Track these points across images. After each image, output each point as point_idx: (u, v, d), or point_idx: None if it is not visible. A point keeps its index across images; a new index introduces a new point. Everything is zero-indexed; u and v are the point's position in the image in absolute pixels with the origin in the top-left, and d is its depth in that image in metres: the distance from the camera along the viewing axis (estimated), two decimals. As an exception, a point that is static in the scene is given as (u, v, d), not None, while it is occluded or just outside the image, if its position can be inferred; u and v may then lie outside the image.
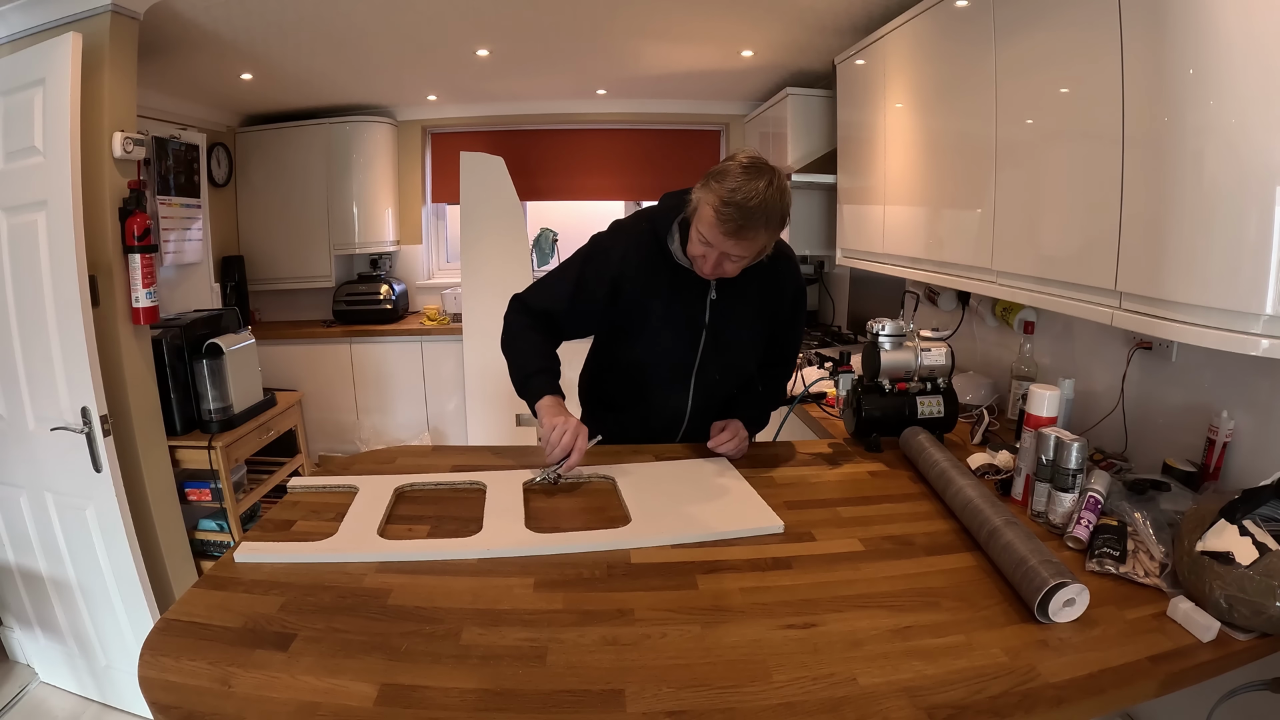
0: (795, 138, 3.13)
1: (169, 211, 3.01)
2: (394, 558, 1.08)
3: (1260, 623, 0.88)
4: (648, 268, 1.44)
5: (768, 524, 1.19)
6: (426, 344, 3.90)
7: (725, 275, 1.36)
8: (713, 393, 1.57)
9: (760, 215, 1.23)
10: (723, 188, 1.23)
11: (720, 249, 1.28)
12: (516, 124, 4.15)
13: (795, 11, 2.47)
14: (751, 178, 1.22)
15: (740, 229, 1.23)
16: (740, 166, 1.25)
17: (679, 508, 1.27)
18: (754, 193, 1.21)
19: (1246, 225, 1.01)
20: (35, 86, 1.85)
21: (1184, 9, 1.08)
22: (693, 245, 1.34)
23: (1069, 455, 1.16)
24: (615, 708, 0.77)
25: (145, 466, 2.13)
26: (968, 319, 2.28)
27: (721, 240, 1.26)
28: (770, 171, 1.25)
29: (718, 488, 1.36)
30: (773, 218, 1.26)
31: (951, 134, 1.90)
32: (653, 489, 1.34)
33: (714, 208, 1.24)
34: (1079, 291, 1.38)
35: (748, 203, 1.21)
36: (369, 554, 1.09)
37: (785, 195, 1.27)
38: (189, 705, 0.77)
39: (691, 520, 1.21)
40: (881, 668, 0.83)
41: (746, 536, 1.16)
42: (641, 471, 1.42)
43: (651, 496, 1.30)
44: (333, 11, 2.40)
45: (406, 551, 1.10)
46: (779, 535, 1.17)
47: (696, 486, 1.37)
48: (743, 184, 1.22)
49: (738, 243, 1.26)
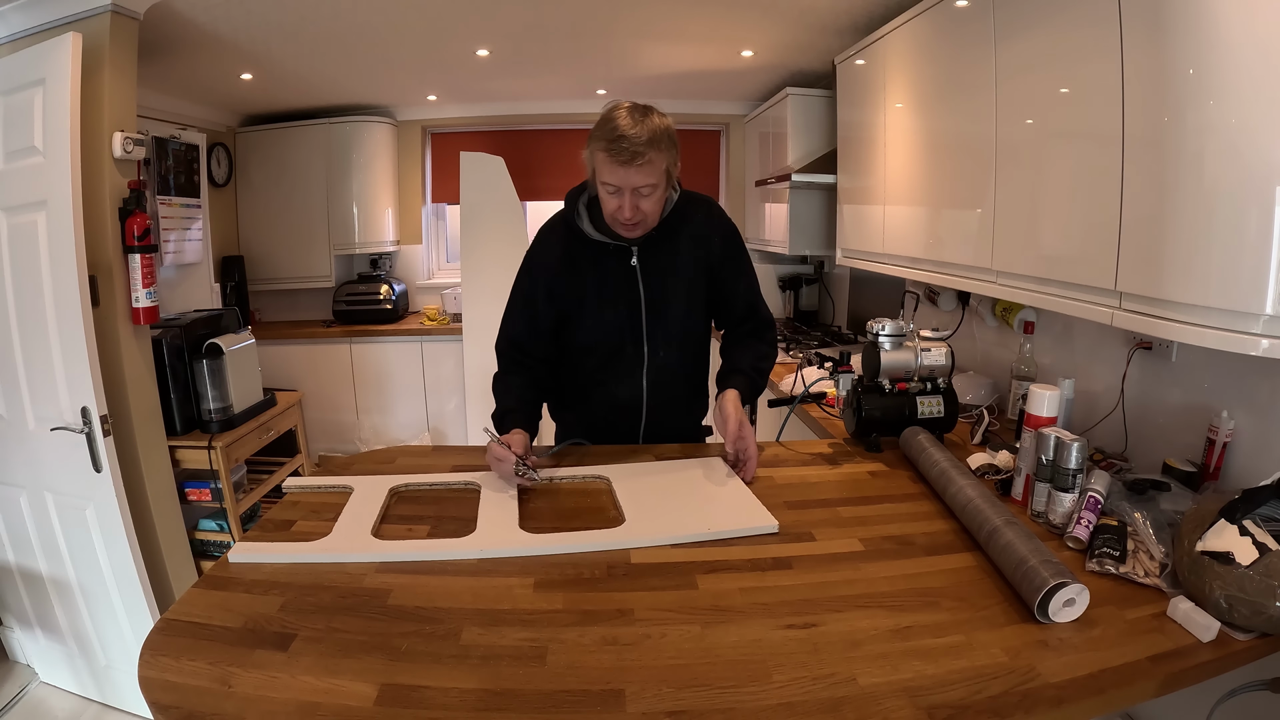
0: (795, 138, 3.13)
1: (169, 211, 3.01)
2: (388, 558, 1.08)
3: (1260, 623, 0.88)
4: (568, 256, 1.49)
5: (762, 524, 1.19)
6: (426, 344, 3.90)
7: (645, 219, 1.40)
8: (667, 368, 1.55)
9: (647, 137, 1.30)
10: (605, 130, 1.32)
11: (627, 185, 1.34)
12: (516, 124, 4.15)
13: (795, 11, 2.47)
14: (631, 112, 1.33)
15: (635, 155, 1.30)
16: (617, 108, 1.34)
17: (673, 508, 1.27)
18: (635, 120, 1.31)
19: (1246, 225, 1.01)
20: (35, 86, 1.85)
21: (1184, 9, 1.08)
22: (606, 203, 1.39)
23: (1069, 455, 1.16)
24: (615, 708, 0.77)
25: (145, 466, 2.13)
26: (968, 319, 2.28)
27: (624, 174, 1.32)
28: (649, 107, 1.36)
29: (713, 488, 1.36)
30: (660, 138, 1.32)
31: (951, 134, 1.90)
32: (647, 489, 1.34)
33: (604, 150, 1.32)
34: (1079, 291, 1.38)
35: (631, 130, 1.29)
36: (362, 554, 1.08)
37: (663, 115, 1.36)
38: (189, 705, 0.77)
39: (686, 520, 1.21)
40: (881, 668, 0.83)
41: (743, 536, 1.16)
42: (636, 472, 1.42)
43: (646, 497, 1.30)
44: (333, 11, 2.40)
45: (400, 552, 1.10)
46: (779, 535, 1.17)
47: (691, 487, 1.37)
48: (620, 118, 1.31)
49: (638, 170, 1.32)
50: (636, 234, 1.45)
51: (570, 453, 1.52)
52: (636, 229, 1.43)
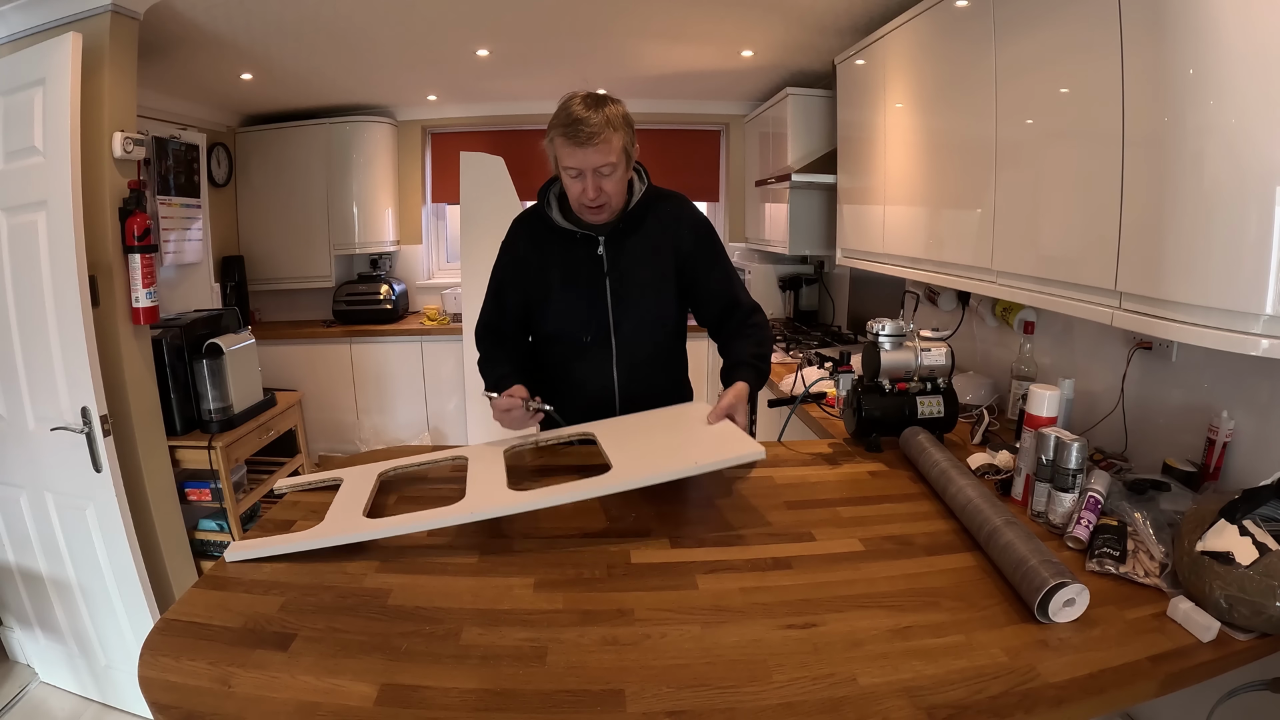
0: (795, 138, 3.13)
1: (169, 211, 3.01)
2: (378, 535, 1.07)
3: (1260, 623, 0.88)
4: (536, 244, 1.55)
5: (748, 451, 1.16)
6: (426, 344, 3.90)
7: (609, 200, 1.44)
8: (637, 356, 1.56)
9: (600, 118, 1.35)
10: (561, 117, 1.38)
11: (587, 166, 1.38)
12: (516, 124, 4.15)
13: (795, 11, 2.47)
14: (585, 100, 1.38)
15: (590, 136, 1.34)
16: (572, 99, 1.40)
17: (659, 448, 1.27)
18: (588, 106, 1.37)
19: (1246, 225, 1.01)
20: (35, 86, 1.85)
21: (1184, 9, 1.08)
22: (570, 188, 1.44)
23: (1069, 455, 1.16)
24: (615, 708, 0.77)
25: (145, 466, 2.13)
26: (968, 319, 2.28)
27: (582, 155, 1.36)
28: (604, 96, 1.41)
29: (696, 427, 1.35)
30: (614, 119, 1.38)
31: (951, 134, 1.90)
32: (632, 437, 1.35)
33: (562, 134, 1.37)
34: (1079, 291, 1.38)
35: (584, 111, 1.35)
36: (354, 534, 1.08)
37: (617, 102, 1.42)
38: (189, 705, 0.77)
39: (672, 457, 1.21)
40: (881, 668, 0.83)
41: (729, 467, 1.16)
42: (620, 423, 1.44)
43: (631, 443, 1.31)
44: (333, 12, 2.40)
45: (390, 527, 1.08)
46: (779, 535, 1.17)
47: (675, 428, 1.38)
48: (575, 105, 1.37)
49: (595, 150, 1.36)
50: (603, 217, 1.48)
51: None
52: (602, 211, 1.46)
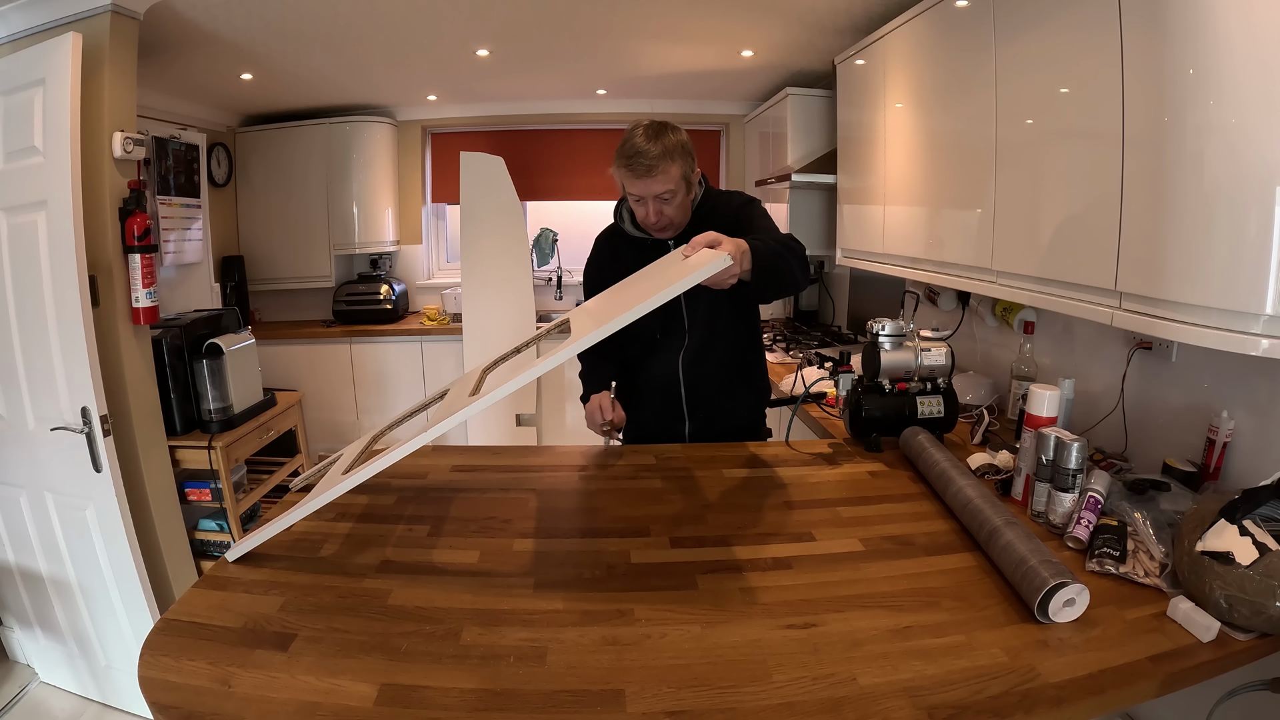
0: (795, 138, 3.12)
1: (169, 211, 3.01)
2: (358, 480, 1.03)
3: (1260, 623, 0.88)
4: (614, 253, 1.68)
5: (709, 264, 1.08)
6: (426, 344, 3.90)
7: (672, 220, 1.54)
8: (704, 349, 1.64)
9: (659, 149, 1.44)
10: (624, 149, 1.48)
11: (649, 194, 1.48)
12: (516, 124, 4.15)
13: (795, 11, 2.47)
14: (647, 131, 1.47)
15: (650, 169, 1.45)
16: (635, 129, 1.49)
17: (625, 301, 1.20)
18: (646, 137, 1.46)
19: (1246, 225, 1.01)
20: (35, 86, 1.85)
21: (1184, 9, 1.08)
22: (635, 210, 1.56)
23: (1069, 455, 1.16)
24: (615, 708, 0.77)
25: (145, 466, 2.13)
26: (968, 319, 2.28)
27: (644, 185, 1.47)
28: (666, 124, 1.50)
29: (664, 267, 1.33)
30: (671, 149, 1.46)
31: (951, 134, 1.90)
32: (601, 304, 1.38)
33: (624, 166, 1.47)
34: (1079, 291, 1.38)
35: (646, 145, 1.45)
36: (334, 490, 1.04)
37: (677, 131, 1.51)
38: (189, 705, 0.77)
39: (635, 300, 1.11)
40: (881, 668, 0.83)
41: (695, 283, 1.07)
42: (594, 301, 1.50)
43: (597, 312, 1.32)
44: (333, 12, 2.40)
45: (366, 469, 1.03)
46: (779, 535, 1.17)
47: (644, 278, 1.37)
48: (636, 136, 1.47)
49: (655, 180, 1.46)
50: (668, 234, 1.59)
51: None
52: (666, 230, 1.57)
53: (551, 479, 1.42)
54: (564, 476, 1.45)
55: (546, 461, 1.53)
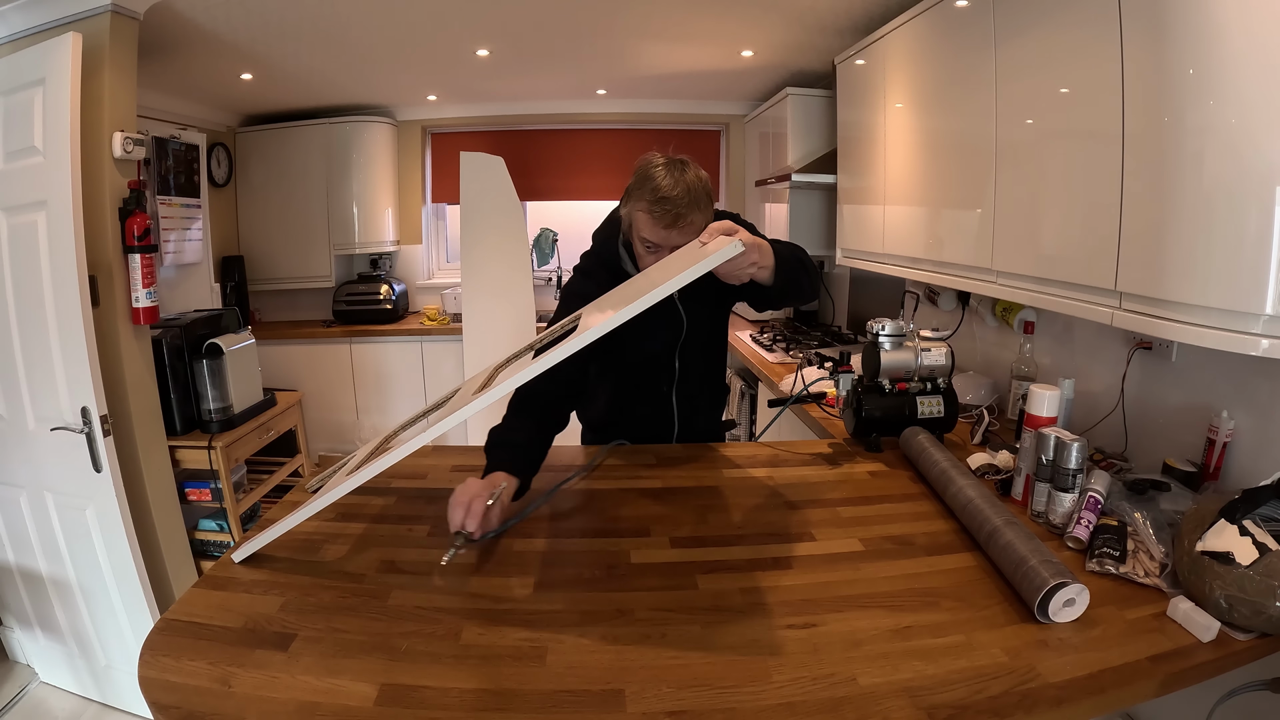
0: (795, 138, 3.13)
1: (169, 211, 3.01)
2: (364, 479, 1.01)
3: (1260, 623, 0.88)
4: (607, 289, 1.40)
5: (722, 249, 1.02)
6: (426, 344, 3.90)
7: None
8: (694, 376, 1.60)
9: (688, 199, 1.27)
10: (646, 189, 1.29)
11: (666, 244, 1.32)
12: (516, 124, 4.15)
13: (795, 11, 2.47)
14: (669, 170, 1.29)
15: (677, 219, 1.28)
16: (654, 166, 1.30)
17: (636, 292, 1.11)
18: (677, 181, 1.27)
19: (1246, 225, 1.01)
20: (35, 86, 1.85)
21: (1184, 9, 1.08)
22: (641, 257, 1.38)
23: (1069, 455, 1.16)
24: (615, 708, 0.77)
25: (145, 466, 2.13)
26: (968, 319, 2.28)
27: (663, 235, 1.30)
28: (684, 161, 1.32)
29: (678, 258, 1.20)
30: (700, 199, 1.30)
31: (951, 134, 1.90)
32: (611, 299, 1.23)
33: (646, 211, 1.29)
34: (1079, 291, 1.38)
35: (673, 191, 1.27)
36: (339, 490, 1.03)
37: (704, 178, 1.32)
38: (189, 705, 0.77)
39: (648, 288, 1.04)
40: (881, 668, 0.83)
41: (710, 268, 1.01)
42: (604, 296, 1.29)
43: (607, 305, 1.19)
44: (333, 12, 2.40)
45: (370, 469, 1.01)
46: (779, 535, 1.17)
47: (658, 269, 1.23)
48: (663, 178, 1.28)
49: (679, 232, 1.30)
50: None
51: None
52: None
53: (551, 479, 1.42)
54: (564, 477, 1.45)
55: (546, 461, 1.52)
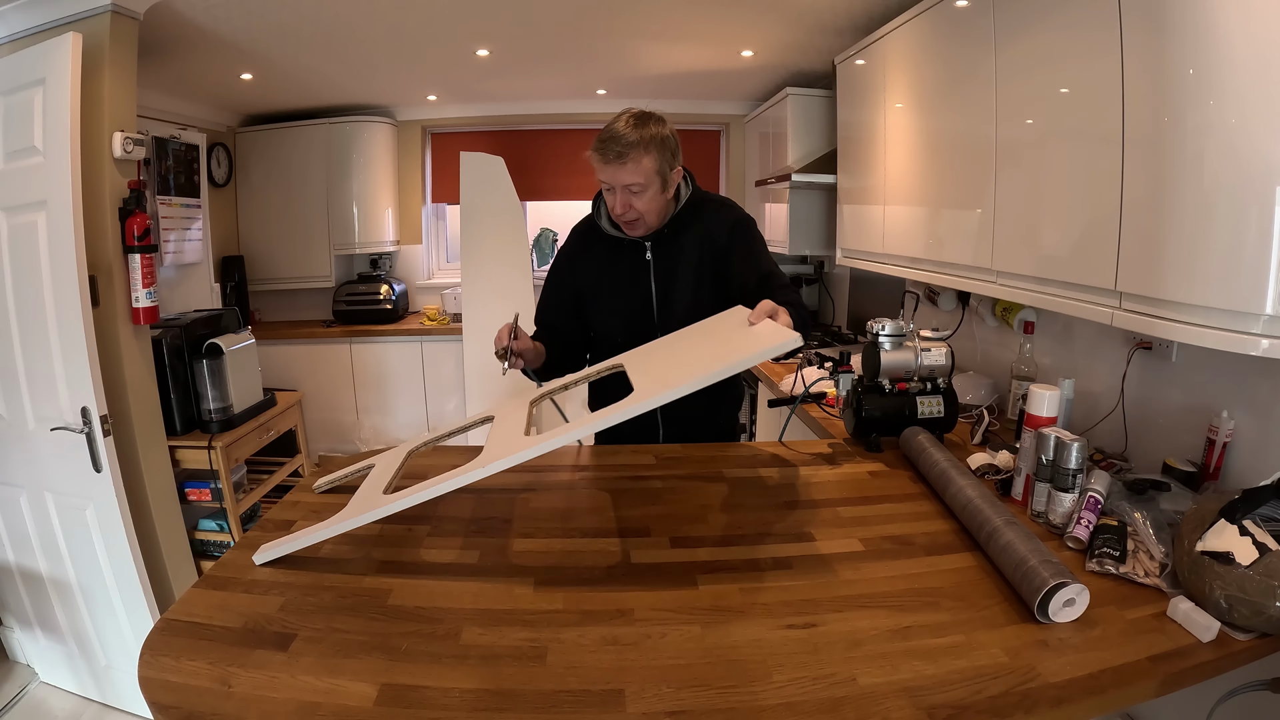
0: (795, 138, 3.13)
1: (169, 211, 3.01)
2: (399, 506, 1.03)
3: (1260, 623, 0.88)
4: (589, 249, 1.62)
5: (784, 340, 1.06)
6: (426, 344, 3.90)
7: (642, 215, 1.47)
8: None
9: (634, 137, 1.39)
10: (602, 133, 1.43)
11: (617, 182, 1.43)
12: (516, 124, 4.15)
13: (795, 11, 2.47)
14: (629, 117, 1.42)
15: (620, 155, 1.39)
16: (616, 116, 1.44)
17: (692, 360, 1.19)
18: (629, 125, 1.41)
19: (1246, 225, 1.01)
20: (35, 86, 1.85)
21: (1184, 9, 1.08)
22: (606, 199, 1.50)
23: (1069, 455, 1.16)
24: (615, 708, 0.77)
25: (145, 466, 2.13)
26: (968, 319, 2.28)
27: (611, 172, 1.42)
28: (650, 114, 1.44)
29: (725, 331, 1.27)
30: (649, 139, 1.40)
31: (951, 134, 1.90)
32: (664, 356, 1.28)
33: (596, 150, 1.42)
34: (1079, 291, 1.38)
35: (621, 131, 1.40)
36: (376, 512, 1.04)
37: (661, 123, 1.44)
38: (189, 705, 0.77)
39: (700, 363, 1.11)
40: (881, 668, 0.83)
41: (758, 360, 1.08)
42: (653, 348, 1.36)
43: (663, 363, 1.24)
44: (333, 12, 2.40)
45: (410, 497, 1.04)
46: (779, 535, 1.17)
47: (709, 337, 1.29)
48: (618, 122, 1.42)
49: (624, 169, 1.41)
50: (638, 231, 1.53)
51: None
52: (636, 226, 1.51)
53: (551, 479, 1.42)
54: (564, 477, 1.45)
55: (546, 461, 1.52)
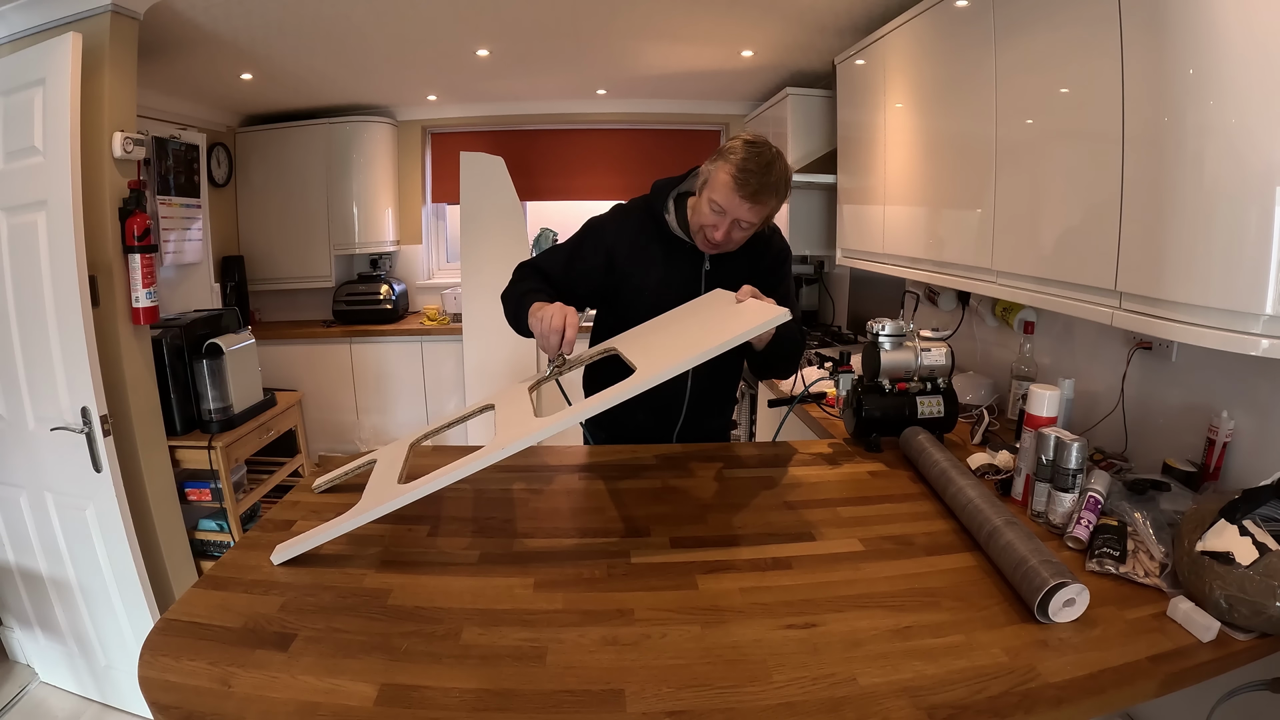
0: (795, 138, 3.13)
1: (169, 211, 3.01)
2: (424, 492, 1.03)
3: (1260, 623, 0.88)
4: (642, 239, 1.53)
5: (774, 315, 1.12)
6: (426, 344, 3.90)
7: (730, 246, 1.44)
8: (710, 368, 1.57)
9: (773, 179, 1.34)
10: (738, 157, 1.33)
11: (734, 215, 1.36)
12: (516, 124, 4.15)
13: (795, 11, 2.47)
14: (762, 149, 1.35)
15: (757, 192, 1.33)
16: (746, 142, 1.36)
17: (685, 339, 1.22)
18: (769, 159, 1.34)
19: (1246, 225, 1.01)
20: (35, 86, 1.85)
21: (1184, 9, 1.08)
22: (702, 215, 1.42)
23: (1069, 455, 1.16)
24: (615, 708, 0.77)
25: (145, 466, 2.13)
26: (968, 319, 2.28)
27: (738, 204, 1.34)
28: (780, 152, 1.38)
29: (716, 309, 1.31)
30: (781, 185, 1.36)
31: (951, 134, 1.90)
32: (657, 337, 1.31)
33: (731, 174, 1.33)
34: (1079, 291, 1.38)
35: (763, 167, 1.32)
36: (395, 501, 1.04)
37: (789, 168, 1.39)
38: (189, 705, 0.77)
39: (698, 341, 1.15)
40: (881, 668, 0.83)
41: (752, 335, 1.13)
42: (642, 330, 1.40)
43: (657, 343, 1.28)
44: (333, 12, 2.40)
45: (428, 484, 1.04)
46: (779, 535, 1.17)
47: (697, 316, 1.34)
48: (755, 153, 1.34)
49: (753, 207, 1.35)
50: (713, 252, 1.50)
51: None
52: (718, 249, 1.47)
53: (552, 479, 1.42)
54: (564, 476, 1.45)
55: (546, 461, 1.53)
